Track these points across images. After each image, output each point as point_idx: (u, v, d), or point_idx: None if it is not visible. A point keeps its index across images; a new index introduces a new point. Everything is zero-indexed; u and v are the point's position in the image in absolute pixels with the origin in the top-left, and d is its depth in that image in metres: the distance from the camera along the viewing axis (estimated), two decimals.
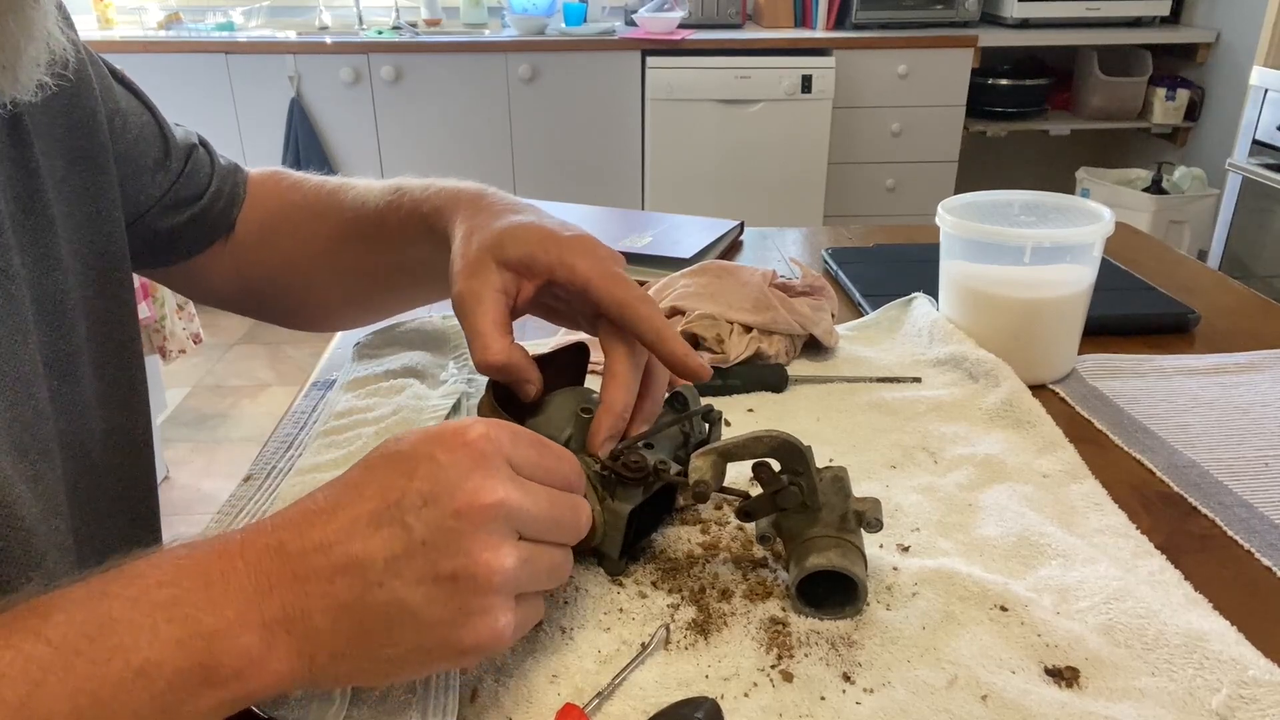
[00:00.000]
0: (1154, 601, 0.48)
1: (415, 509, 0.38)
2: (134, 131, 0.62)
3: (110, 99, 0.60)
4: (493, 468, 0.39)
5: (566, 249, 0.53)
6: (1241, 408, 0.70)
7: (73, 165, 0.55)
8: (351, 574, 0.37)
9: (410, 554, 0.37)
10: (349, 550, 0.37)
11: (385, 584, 0.37)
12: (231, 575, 0.37)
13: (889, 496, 0.58)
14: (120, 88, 0.62)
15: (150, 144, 0.63)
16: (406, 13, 3.28)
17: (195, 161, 0.66)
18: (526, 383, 0.53)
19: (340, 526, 0.38)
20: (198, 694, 0.35)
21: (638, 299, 0.52)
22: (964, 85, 3.10)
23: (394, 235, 0.63)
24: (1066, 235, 0.71)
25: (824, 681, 0.44)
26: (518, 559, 0.39)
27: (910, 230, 1.15)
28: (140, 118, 0.63)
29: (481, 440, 0.40)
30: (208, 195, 0.66)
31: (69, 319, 0.53)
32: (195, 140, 0.67)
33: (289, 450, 0.65)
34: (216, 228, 0.68)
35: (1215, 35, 3.11)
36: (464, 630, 0.38)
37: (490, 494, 0.38)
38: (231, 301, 0.72)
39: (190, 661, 0.35)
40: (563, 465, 0.44)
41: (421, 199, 0.61)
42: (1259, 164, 2.48)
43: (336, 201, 0.67)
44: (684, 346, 0.52)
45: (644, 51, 2.99)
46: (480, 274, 0.53)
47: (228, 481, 2.49)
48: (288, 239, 0.69)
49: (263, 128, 3.03)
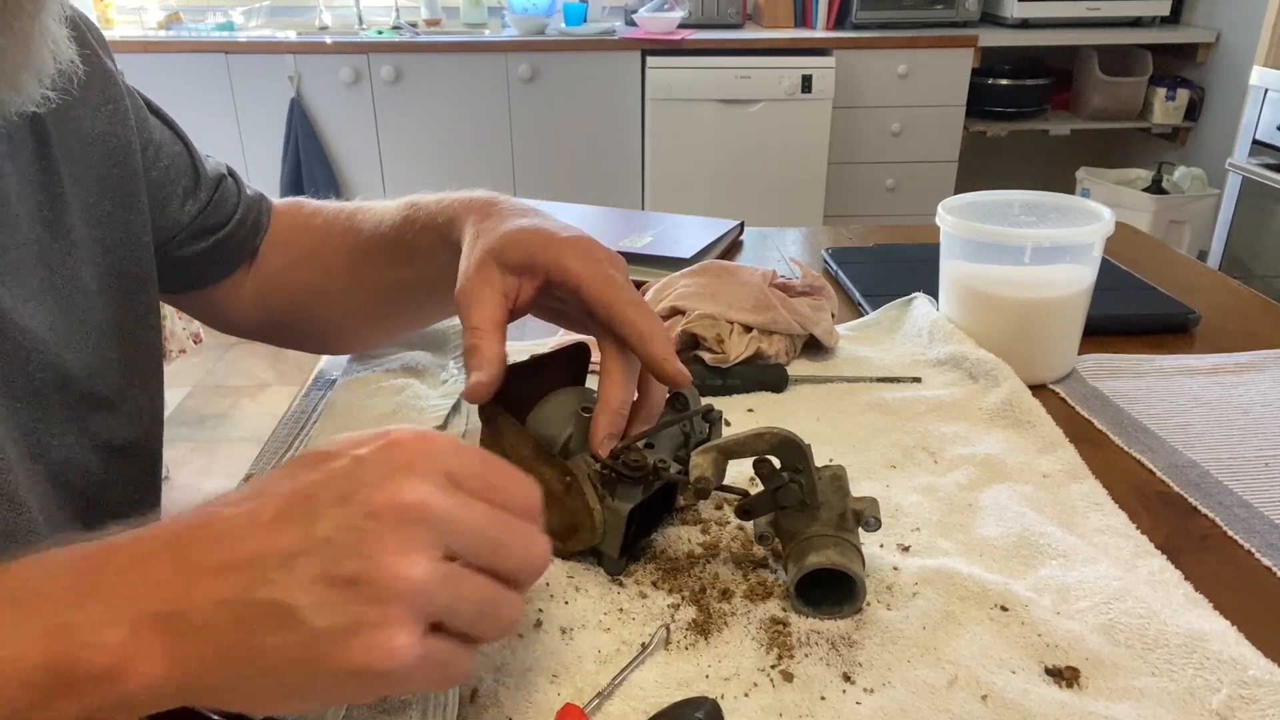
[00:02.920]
0: (1154, 601, 0.48)
1: (326, 506, 0.34)
2: (166, 161, 0.64)
3: (145, 130, 0.62)
4: (423, 470, 0.35)
5: (563, 250, 0.53)
6: (1241, 408, 0.70)
7: (104, 193, 0.57)
8: (241, 570, 0.33)
9: (309, 551, 0.33)
10: (245, 545, 0.33)
11: (275, 581, 0.32)
12: (110, 568, 0.34)
13: (889, 496, 0.58)
14: (155, 119, 0.64)
15: (181, 173, 0.65)
16: (406, 13, 3.28)
17: (223, 191, 0.68)
18: (476, 370, 0.51)
19: (241, 521, 0.34)
20: (51, 701, 0.31)
21: (626, 301, 0.52)
22: (964, 85, 3.10)
23: (411, 249, 0.64)
24: (1066, 235, 0.71)
25: (824, 681, 0.44)
26: (432, 572, 0.33)
27: (910, 230, 1.15)
28: (173, 148, 0.65)
29: (416, 442, 0.36)
30: (233, 222, 0.68)
31: (92, 340, 0.55)
32: (224, 171, 0.69)
33: (289, 450, 0.65)
34: (239, 255, 0.70)
35: (1215, 35, 3.11)
36: (354, 643, 0.32)
37: (411, 493, 0.34)
38: (254, 330, 0.74)
39: (48, 657, 0.31)
40: (516, 488, 0.38)
41: (436, 211, 0.62)
42: (1259, 164, 2.48)
43: (355, 223, 0.68)
44: (665, 350, 0.51)
45: (644, 51, 2.99)
46: (480, 274, 0.53)
47: (228, 481, 2.48)
48: (309, 263, 0.70)
49: (263, 128, 3.03)
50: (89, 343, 0.55)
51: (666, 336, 0.52)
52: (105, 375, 0.56)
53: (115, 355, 0.57)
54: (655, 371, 0.52)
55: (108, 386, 0.56)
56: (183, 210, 0.65)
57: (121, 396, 0.57)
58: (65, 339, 0.53)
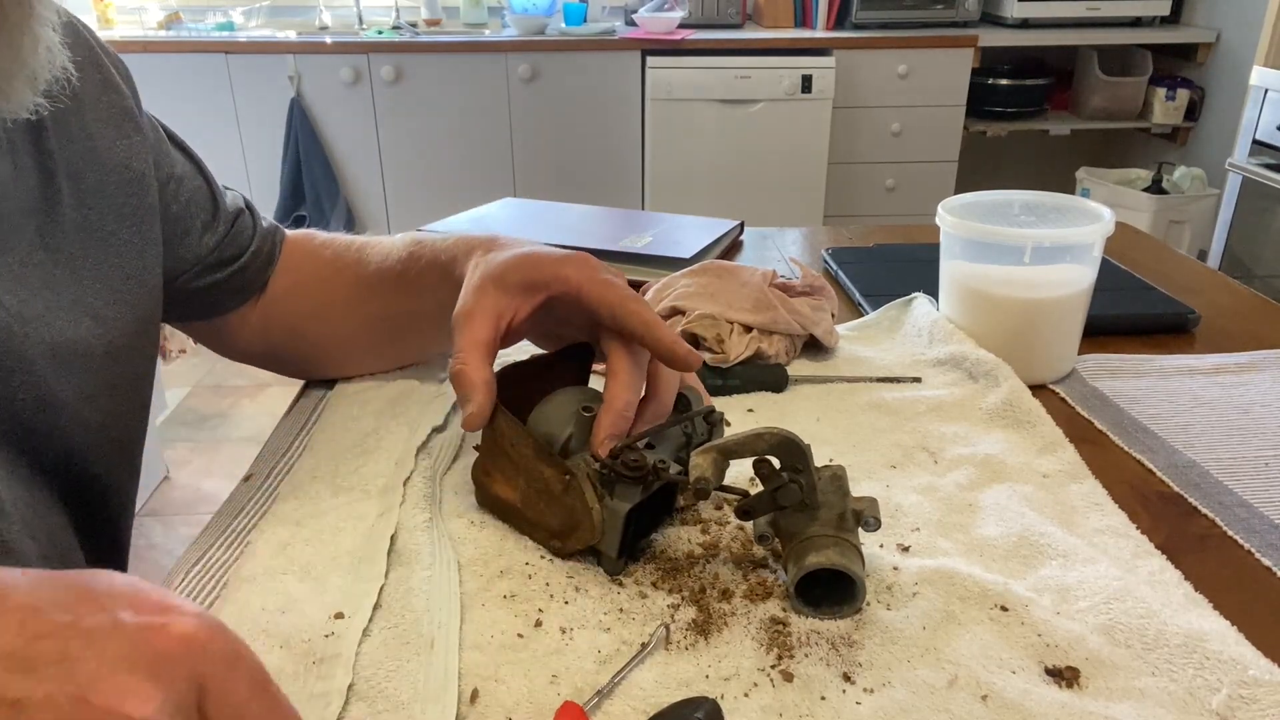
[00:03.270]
0: (1154, 601, 0.48)
1: (45, 664, 0.27)
2: (186, 195, 0.65)
3: (167, 164, 0.64)
4: (168, 677, 0.28)
5: (562, 263, 0.56)
6: (1241, 408, 0.70)
7: (122, 222, 0.58)
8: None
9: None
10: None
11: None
12: None
13: (889, 496, 0.58)
14: (176, 152, 0.66)
15: (202, 206, 0.67)
16: (406, 13, 3.28)
17: (241, 223, 0.69)
18: (468, 402, 0.53)
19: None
20: None
21: (627, 297, 0.54)
22: (964, 85, 3.10)
23: (415, 284, 0.66)
24: (1066, 235, 0.71)
25: (824, 681, 0.44)
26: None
27: (910, 230, 1.15)
28: (194, 181, 0.66)
29: (182, 637, 0.29)
30: (248, 254, 0.69)
31: (91, 366, 0.55)
32: (242, 204, 0.70)
33: (289, 450, 0.65)
34: (251, 287, 0.70)
35: (1215, 35, 3.11)
36: None
37: (138, 707, 0.27)
38: (256, 356, 0.75)
39: None
40: None
41: (441, 249, 0.64)
42: (1259, 164, 2.48)
43: (363, 256, 0.70)
44: (672, 335, 0.54)
45: (644, 51, 2.99)
46: (475, 297, 0.56)
47: (228, 481, 2.48)
48: (314, 291, 0.71)
49: (263, 128, 3.03)
50: (88, 367, 0.55)
51: (665, 324, 0.54)
52: (97, 400, 0.56)
53: (114, 376, 0.57)
54: (666, 355, 0.54)
55: (98, 411, 0.56)
56: (201, 242, 0.66)
57: (105, 422, 0.57)
58: (62, 364, 0.53)
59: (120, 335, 0.57)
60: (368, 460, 0.61)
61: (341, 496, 0.58)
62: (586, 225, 1.10)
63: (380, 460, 0.61)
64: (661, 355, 0.54)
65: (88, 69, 0.57)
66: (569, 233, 1.05)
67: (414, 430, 0.64)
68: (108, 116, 0.58)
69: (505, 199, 1.20)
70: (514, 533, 0.55)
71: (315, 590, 0.49)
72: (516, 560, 0.53)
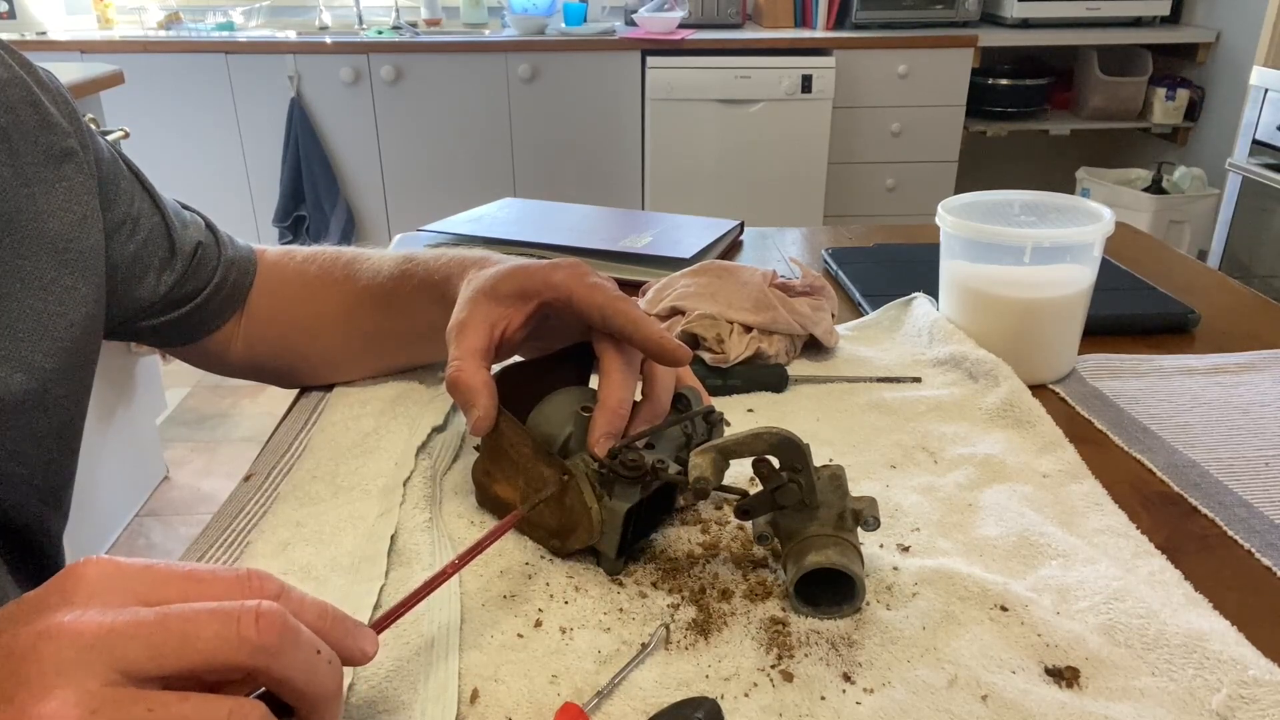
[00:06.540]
0: (1154, 601, 0.48)
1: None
2: (143, 234, 0.64)
3: (124, 201, 0.62)
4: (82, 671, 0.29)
5: (552, 270, 0.56)
6: (1241, 408, 0.70)
7: (62, 268, 0.56)
8: None
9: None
10: None
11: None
12: None
13: (889, 496, 0.58)
14: (136, 186, 0.64)
15: (158, 245, 0.65)
16: (406, 13, 3.28)
17: (202, 257, 0.68)
18: (471, 407, 0.53)
19: None
20: None
21: (614, 298, 0.54)
22: (964, 85, 3.11)
23: (406, 302, 0.66)
24: (1066, 235, 0.71)
25: (824, 681, 0.44)
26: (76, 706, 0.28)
27: (910, 230, 1.15)
28: (150, 219, 0.65)
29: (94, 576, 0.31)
30: (210, 287, 0.68)
31: (18, 422, 0.53)
32: (202, 235, 0.69)
33: (289, 450, 0.65)
34: (222, 313, 0.70)
35: (1215, 35, 3.11)
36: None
37: None
38: (243, 371, 0.74)
39: None
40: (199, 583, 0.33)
41: (434, 268, 0.64)
42: (1259, 164, 2.49)
43: (352, 271, 0.69)
44: (659, 331, 0.54)
45: (644, 51, 3.00)
46: (469, 308, 0.56)
47: (228, 481, 2.50)
48: (300, 306, 0.71)
49: (263, 128, 3.03)
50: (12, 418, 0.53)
51: (654, 321, 0.54)
52: (24, 453, 0.54)
53: (43, 426, 0.55)
54: (654, 351, 0.54)
55: (27, 458, 0.55)
56: (160, 281, 0.65)
57: (32, 469, 0.56)
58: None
59: (55, 383, 0.55)
60: (368, 460, 0.61)
61: (341, 496, 0.58)
62: (586, 225, 1.10)
63: (380, 460, 0.61)
64: (650, 351, 0.54)
65: (22, 109, 0.55)
66: (569, 233, 1.05)
67: (414, 430, 0.64)
68: (44, 159, 0.55)
69: (505, 199, 1.20)
70: (514, 533, 0.55)
71: (315, 590, 0.49)
72: (516, 560, 0.53)
